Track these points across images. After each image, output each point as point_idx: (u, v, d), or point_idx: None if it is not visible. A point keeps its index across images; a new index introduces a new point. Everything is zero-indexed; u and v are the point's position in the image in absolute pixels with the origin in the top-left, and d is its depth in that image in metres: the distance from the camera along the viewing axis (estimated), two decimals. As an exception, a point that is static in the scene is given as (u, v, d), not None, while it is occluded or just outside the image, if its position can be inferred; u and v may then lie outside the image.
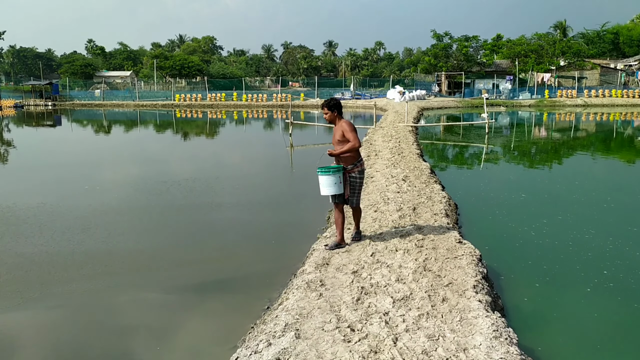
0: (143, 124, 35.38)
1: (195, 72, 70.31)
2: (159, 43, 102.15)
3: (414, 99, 44.20)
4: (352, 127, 6.07)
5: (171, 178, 13.98)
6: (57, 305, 5.78)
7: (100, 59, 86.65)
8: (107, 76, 73.46)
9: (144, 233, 8.77)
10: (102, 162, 17.59)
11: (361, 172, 6.24)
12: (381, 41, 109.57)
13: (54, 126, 34.39)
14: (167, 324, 5.39)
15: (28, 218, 9.39)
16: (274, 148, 20.61)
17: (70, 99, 53.98)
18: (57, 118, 39.93)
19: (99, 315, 5.54)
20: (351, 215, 6.95)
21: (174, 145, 23.16)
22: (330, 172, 6.06)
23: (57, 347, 4.86)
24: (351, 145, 6.00)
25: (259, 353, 4.01)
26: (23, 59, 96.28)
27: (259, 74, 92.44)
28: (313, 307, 4.63)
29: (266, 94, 52.78)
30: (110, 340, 5.01)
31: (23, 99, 52.14)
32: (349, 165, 6.18)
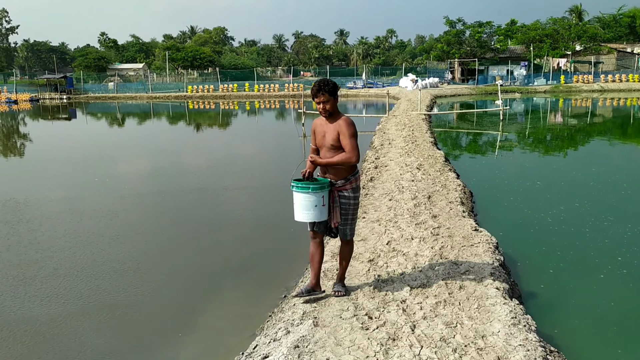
0: (156, 116, 35.59)
1: (207, 63, 70.42)
2: (170, 35, 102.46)
3: (426, 87, 43.92)
4: (354, 131, 4.33)
5: (185, 169, 14.08)
6: (82, 292, 5.88)
7: (113, 51, 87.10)
8: (120, 69, 73.87)
9: (160, 223, 8.85)
10: (116, 154, 17.75)
11: (356, 189, 4.44)
12: (393, 29, 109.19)
13: (69, 119, 34.71)
14: (187, 312, 5.45)
15: (43, 210, 9.53)
16: (287, 138, 20.63)
17: (84, 92, 54.41)
18: (72, 111, 40.29)
19: (119, 301, 5.63)
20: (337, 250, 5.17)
21: (187, 137, 23.28)
22: (309, 188, 4.26)
23: (77, 331, 4.95)
24: (346, 158, 4.28)
25: (278, 340, 4.05)
26: (37, 52, 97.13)
27: (271, 64, 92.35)
28: (330, 295, 4.66)
29: (278, 84, 52.76)
30: (131, 328, 5.09)
31: (38, 93, 52.66)
32: (340, 179, 4.39)
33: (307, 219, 4.34)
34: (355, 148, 4.27)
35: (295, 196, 4.30)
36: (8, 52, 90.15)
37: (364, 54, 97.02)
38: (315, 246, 4.54)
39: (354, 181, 4.42)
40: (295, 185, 4.32)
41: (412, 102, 29.21)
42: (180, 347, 4.76)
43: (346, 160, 4.28)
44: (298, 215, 4.37)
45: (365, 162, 12.21)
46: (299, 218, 4.37)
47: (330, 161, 4.33)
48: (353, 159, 4.28)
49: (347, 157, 4.28)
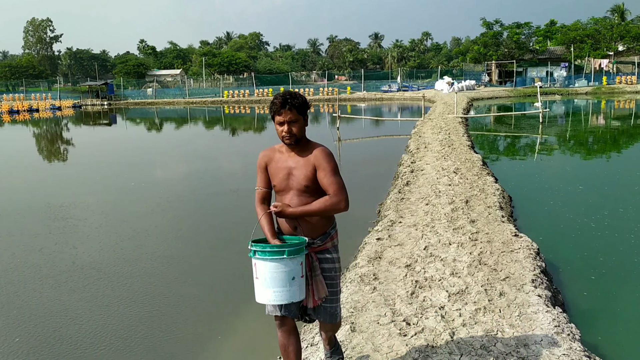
0: (193, 121, 36.19)
1: (242, 68, 71.30)
2: (207, 41, 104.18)
3: (463, 90, 43.36)
4: (336, 165, 3.11)
5: (221, 173, 14.26)
6: (129, 292, 6.02)
7: (151, 58, 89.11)
8: (159, 75, 75.49)
9: (196, 226, 8.98)
10: (154, 159, 18.12)
11: (337, 246, 3.27)
12: (428, 32, 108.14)
13: (110, 125, 35.64)
14: (225, 314, 5.51)
15: (85, 215, 9.80)
16: (322, 142, 20.61)
17: (124, 98, 55.80)
18: (112, 117, 41.35)
19: (162, 303, 5.73)
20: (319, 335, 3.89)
21: (223, 141, 23.59)
22: (284, 252, 2.86)
23: (118, 330, 5.06)
24: (333, 204, 3.00)
25: (315, 345, 4.05)
26: (80, 60, 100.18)
27: (305, 69, 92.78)
28: (367, 300, 4.64)
29: (312, 88, 52.97)
30: (173, 328, 5.17)
31: (81, 99, 54.26)
32: (318, 236, 3.13)
33: (283, 299, 2.88)
34: (343, 188, 3.01)
35: (260, 267, 2.86)
36: (52, 60, 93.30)
37: (398, 57, 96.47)
38: (286, 335, 3.19)
39: (335, 236, 3.21)
40: (259, 250, 2.87)
41: (448, 105, 28.88)
42: (219, 349, 4.81)
43: (333, 207, 2.96)
44: (266, 294, 2.89)
45: (401, 166, 12.13)
46: (267, 299, 2.89)
47: (307, 209, 2.98)
48: (342, 205, 2.97)
49: (334, 203, 2.95)
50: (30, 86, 64.25)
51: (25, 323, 5.39)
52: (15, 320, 5.46)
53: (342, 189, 3.01)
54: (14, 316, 5.57)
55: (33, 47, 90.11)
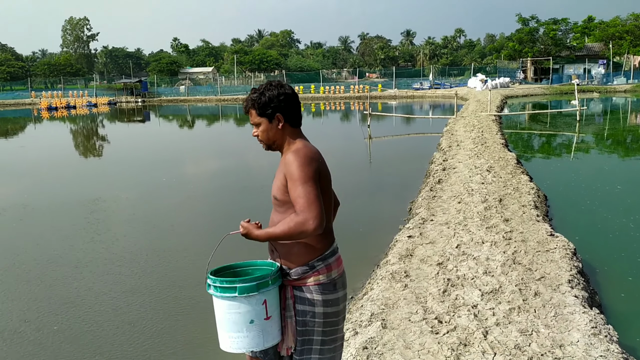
0: (224, 118, 36.57)
1: (273, 66, 71.66)
2: (238, 39, 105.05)
3: (496, 87, 42.63)
4: (310, 171, 2.31)
5: (249, 169, 14.36)
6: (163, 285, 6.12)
7: (184, 56, 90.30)
8: (191, 72, 76.45)
9: (223, 221, 9.06)
10: (185, 155, 18.37)
11: (329, 287, 2.40)
12: (461, 28, 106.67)
13: (143, 122, 36.29)
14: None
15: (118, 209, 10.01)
16: (352, 140, 20.62)
17: (157, 95, 56.71)
18: (146, 114, 42.09)
19: (193, 295, 5.82)
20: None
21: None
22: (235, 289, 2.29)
23: (158, 321, 5.16)
24: (295, 226, 2.25)
25: (346, 341, 4.04)
26: (115, 58, 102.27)
27: (336, 66, 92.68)
28: (398, 297, 4.61)
29: (343, 86, 52.88)
30: (203, 322, 5.24)
31: (116, 97, 55.40)
32: (295, 267, 2.42)
33: (240, 347, 2.35)
34: (314, 203, 2.21)
35: (216, 305, 2.37)
36: (89, 58, 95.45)
37: (430, 54, 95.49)
38: None
39: (324, 271, 2.37)
40: (212, 283, 2.34)
41: (481, 102, 28.45)
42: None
43: (297, 229, 2.22)
44: (222, 339, 2.39)
45: (433, 164, 12.01)
46: (224, 345, 2.39)
47: (272, 233, 2.33)
48: (309, 225, 2.19)
49: (297, 223, 2.21)
50: (68, 83, 65.85)
51: (64, 311, 5.54)
52: (54, 309, 5.61)
53: (312, 203, 2.18)
54: (54, 304, 5.72)
55: (71, 45, 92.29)
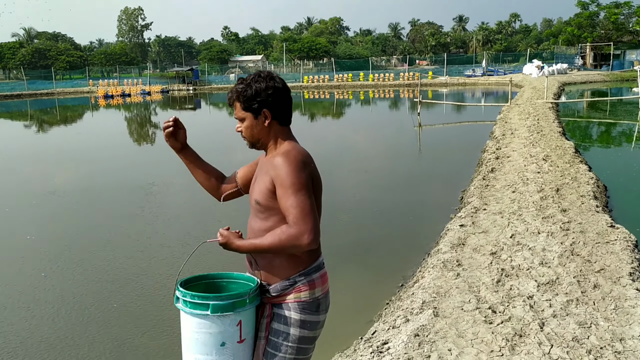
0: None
1: (322, 53, 71.55)
2: (288, 26, 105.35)
3: (553, 74, 41.13)
4: (303, 177, 2.06)
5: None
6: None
7: (234, 44, 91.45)
8: (241, 60, 77.38)
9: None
10: (232, 143, 18.65)
11: (312, 306, 2.16)
12: (517, 13, 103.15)
13: (194, 109, 37.03)
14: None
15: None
16: (401, 127, 20.40)
17: (208, 83, 57.71)
18: (197, 102, 42.94)
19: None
20: None
21: (302, 126, 23.86)
22: (208, 306, 2.00)
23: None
24: (288, 239, 1.99)
25: (397, 328, 4.04)
26: (167, 47, 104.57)
27: (385, 53, 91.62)
28: (450, 286, 4.55)
29: (393, 73, 52.29)
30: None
31: (168, 85, 56.72)
32: (275, 282, 2.15)
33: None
34: (309, 214, 1.98)
35: (183, 321, 2.08)
36: (143, 47, 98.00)
37: (484, 40, 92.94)
38: None
39: (306, 288, 2.13)
40: (182, 297, 2.06)
41: (537, 89, 27.54)
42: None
43: (290, 242, 1.98)
44: (190, 354, 2.09)
45: (486, 152, 11.74)
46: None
47: (258, 245, 2.06)
48: (305, 239, 1.96)
49: (291, 236, 1.97)
50: (123, 72, 67.88)
51: (121, 290, 5.76)
52: (114, 287, 5.84)
53: (307, 215, 1.94)
54: (112, 284, 5.96)
55: (126, 35, 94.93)
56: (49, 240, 7.57)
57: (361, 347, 4.00)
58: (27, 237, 7.77)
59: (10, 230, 8.20)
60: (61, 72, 67.55)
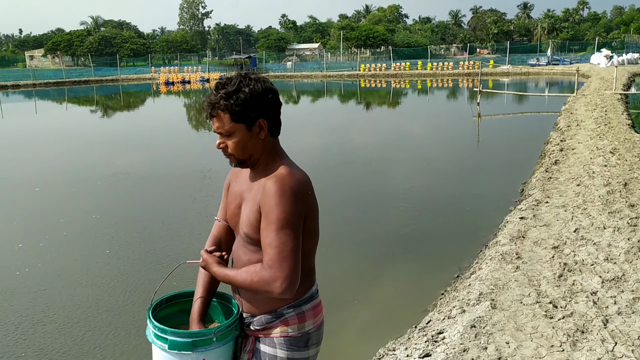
0: (328, 94, 36.87)
1: (379, 42, 70.75)
2: (345, 14, 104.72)
3: (623, 64, 39.04)
4: (294, 211, 1.73)
5: (353, 147, 14.39)
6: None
7: (292, 32, 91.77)
8: (298, 49, 77.65)
9: (327, 195, 9.19)
10: (286, 131, 18.80)
11: (300, 341, 1.88)
12: (585, 0, 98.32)
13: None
14: (361, 282, 5.62)
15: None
16: (460, 117, 19.96)
17: (265, 71, 58.31)
18: (255, 89, 43.39)
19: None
20: None
21: (356, 115, 23.75)
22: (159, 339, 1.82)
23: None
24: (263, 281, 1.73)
25: (453, 318, 3.99)
26: (226, 35, 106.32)
27: (445, 42, 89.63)
28: (509, 279, 4.45)
29: (452, 62, 51.12)
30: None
31: (226, 72, 57.74)
32: (259, 314, 1.89)
33: None
34: (288, 258, 1.71)
35: (153, 348, 1.88)
36: (202, 36, 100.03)
37: (549, 28, 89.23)
38: None
39: (295, 321, 1.86)
40: (150, 323, 1.87)
41: (605, 80, 26.26)
42: (355, 313, 4.93)
43: (261, 286, 1.74)
44: None
45: (549, 144, 11.33)
46: None
47: (231, 277, 1.84)
48: (277, 286, 1.70)
49: (262, 279, 1.73)
50: (183, 60, 69.57)
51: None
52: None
53: (285, 259, 1.67)
54: (169, 261, 6.17)
55: (187, 23, 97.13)
56: (111, 220, 7.91)
57: (415, 336, 3.98)
58: (92, 216, 8.15)
59: (77, 209, 8.61)
60: (125, 59, 69.91)
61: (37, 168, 12.19)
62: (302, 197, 1.76)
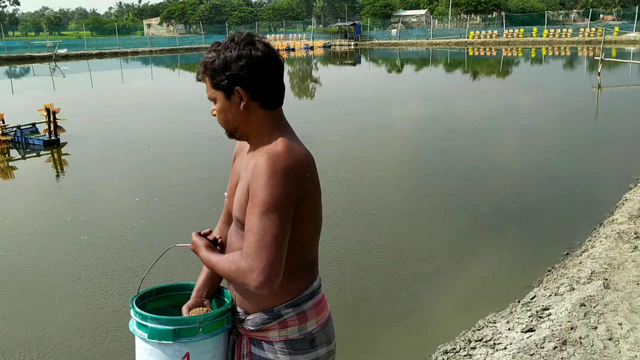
0: (434, 63, 35.77)
1: (491, 7, 67.04)
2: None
3: None
4: (282, 192, 1.47)
5: (456, 120, 13.91)
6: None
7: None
8: (404, 15, 75.73)
9: (426, 165, 8.98)
10: (391, 98, 18.51)
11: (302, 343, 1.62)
12: None
13: (354, 65, 37.35)
14: (462, 253, 5.49)
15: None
16: (577, 89, 18.58)
17: (369, 39, 57.62)
18: (357, 57, 43.22)
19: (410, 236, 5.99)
20: None
21: (463, 84, 22.85)
22: (139, 326, 1.62)
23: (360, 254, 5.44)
24: (239, 272, 1.48)
25: (560, 295, 3.79)
26: (331, 2, 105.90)
27: (564, 7, 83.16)
28: (625, 259, 4.13)
29: (571, 29, 47.45)
30: (414, 261, 5.37)
31: (330, 40, 57.78)
32: (252, 313, 1.63)
33: None
34: (266, 247, 1.45)
35: (136, 342, 1.69)
36: (308, 3, 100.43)
37: (687, -9, 79.66)
38: None
39: (295, 322, 1.63)
40: (132, 310, 1.67)
41: None
42: (456, 283, 4.83)
43: (237, 276, 1.50)
44: None
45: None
46: None
47: (214, 264, 1.62)
48: (253, 278, 1.45)
49: (239, 269, 1.49)
50: (289, 27, 70.53)
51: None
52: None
53: (264, 248, 1.46)
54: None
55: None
56: (218, 179, 8.30)
57: (518, 310, 3.83)
58: (201, 175, 8.61)
59: (188, 168, 9.14)
60: (234, 27, 72.11)
61: (151, 129, 13.06)
62: (296, 179, 1.51)
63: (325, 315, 1.70)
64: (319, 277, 1.73)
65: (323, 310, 1.69)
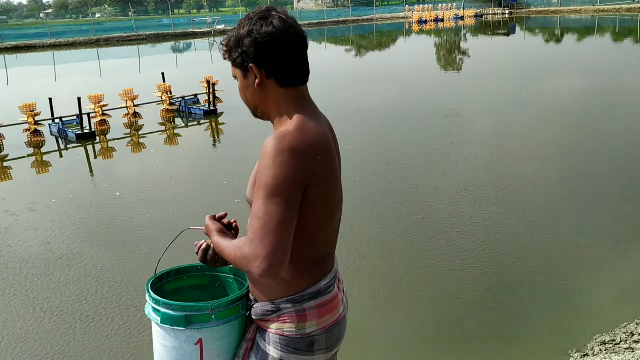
0: (599, 32, 32.41)
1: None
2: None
3: None
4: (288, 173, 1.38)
5: (624, 93, 12.61)
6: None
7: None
8: (566, -20, 69.26)
9: (580, 142, 8.29)
10: (546, 71, 17.22)
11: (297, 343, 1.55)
12: None
13: (507, 35, 35.16)
14: (630, 237, 5.08)
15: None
16: None
17: (526, 6, 53.74)
18: (511, 26, 40.61)
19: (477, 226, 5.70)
20: None
21: (633, 56, 20.49)
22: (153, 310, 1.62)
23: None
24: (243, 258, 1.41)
25: None
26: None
27: None
28: None
29: None
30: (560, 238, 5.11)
31: (482, 9, 54.89)
32: (261, 301, 1.60)
33: None
34: (270, 232, 1.37)
35: (153, 325, 1.67)
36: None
37: None
38: None
39: (293, 319, 1.55)
40: (147, 294, 1.66)
41: None
42: (617, 271, 4.52)
43: (240, 262, 1.43)
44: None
45: None
46: None
47: (222, 249, 1.54)
48: (254, 266, 1.38)
49: (244, 255, 1.41)
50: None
51: (425, 205, 6.15)
52: (418, 201, 6.28)
53: (268, 233, 1.38)
54: (418, 196, 6.41)
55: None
56: (360, 151, 8.49)
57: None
58: (345, 146, 8.88)
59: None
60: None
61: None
62: (305, 160, 1.42)
63: (331, 320, 1.59)
64: (331, 276, 1.61)
65: (328, 313, 1.58)
